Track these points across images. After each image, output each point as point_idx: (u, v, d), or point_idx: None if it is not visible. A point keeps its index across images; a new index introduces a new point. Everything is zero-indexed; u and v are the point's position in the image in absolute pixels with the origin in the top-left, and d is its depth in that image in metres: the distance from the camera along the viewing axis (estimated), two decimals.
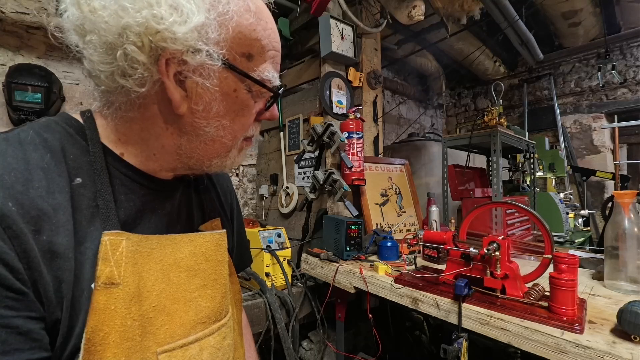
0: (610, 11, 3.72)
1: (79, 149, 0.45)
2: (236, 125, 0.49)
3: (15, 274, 0.36)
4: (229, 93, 0.46)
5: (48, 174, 0.41)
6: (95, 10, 0.39)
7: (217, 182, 0.70)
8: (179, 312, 0.48)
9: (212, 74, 0.43)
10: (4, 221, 0.35)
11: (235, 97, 0.47)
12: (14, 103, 1.72)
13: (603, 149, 4.28)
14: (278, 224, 2.06)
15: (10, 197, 0.37)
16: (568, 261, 0.76)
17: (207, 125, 0.47)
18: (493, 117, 1.85)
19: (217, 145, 0.49)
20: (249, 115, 0.50)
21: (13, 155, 0.40)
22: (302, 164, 1.99)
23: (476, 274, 0.91)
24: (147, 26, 0.38)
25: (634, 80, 4.08)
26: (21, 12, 1.85)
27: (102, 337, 0.40)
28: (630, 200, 0.97)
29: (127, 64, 0.40)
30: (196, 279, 0.52)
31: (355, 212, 1.57)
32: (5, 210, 0.36)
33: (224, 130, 0.48)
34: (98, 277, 0.40)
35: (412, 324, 1.94)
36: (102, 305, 0.40)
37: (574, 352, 0.68)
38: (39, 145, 0.42)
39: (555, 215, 2.38)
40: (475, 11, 2.50)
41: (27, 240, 0.37)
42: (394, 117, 4.58)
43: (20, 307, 0.36)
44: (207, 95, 0.45)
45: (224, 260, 0.57)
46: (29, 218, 0.37)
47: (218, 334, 0.53)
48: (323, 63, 1.87)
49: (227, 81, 0.46)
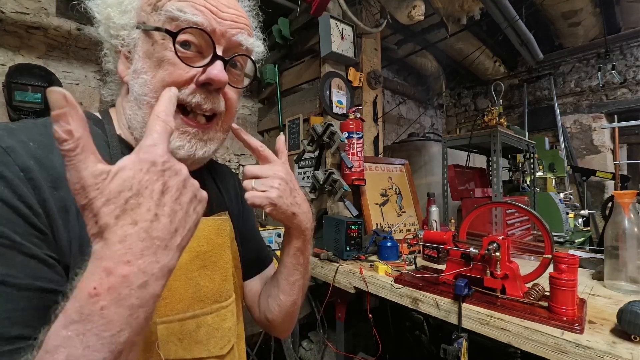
0: (610, 11, 3.72)
1: (95, 137, 0.49)
2: (156, 79, 0.48)
3: (37, 216, 0.39)
4: (148, 49, 0.49)
5: None
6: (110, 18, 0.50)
7: (224, 178, 0.70)
8: (179, 289, 0.51)
9: (136, 41, 0.49)
10: (27, 173, 0.39)
11: (152, 51, 0.48)
12: (14, 103, 1.72)
13: (603, 149, 4.28)
14: (278, 224, 2.06)
15: (32, 157, 0.41)
16: (568, 261, 0.76)
17: (135, 84, 0.49)
18: (493, 117, 1.85)
19: (145, 108, 0.48)
20: (171, 68, 0.48)
21: (39, 132, 0.45)
22: (302, 164, 1.99)
23: (476, 274, 0.91)
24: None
25: (634, 80, 4.08)
26: (21, 12, 1.85)
27: None
28: (630, 200, 0.97)
29: (110, 51, 0.53)
30: (197, 260, 0.54)
31: (355, 212, 1.57)
32: (28, 164, 0.40)
33: (146, 86, 0.48)
34: None
35: (412, 324, 1.93)
36: None
37: (574, 352, 0.68)
38: None
39: (555, 215, 2.38)
40: (475, 11, 2.50)
41: (45, 192, 0.40)
42: (394, 117, 4.58)
43: (43, 245, 0.39)
44: (136, 57, 0.50)
45: (225, 245, 0.59)
46: (46, 175, 0.41)
47: (217, 315, 0.55)
48: (323, 63, 1.87)
49: (146, 38, 0.49)
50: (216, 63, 0.49)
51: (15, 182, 0.38)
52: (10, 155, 0.39)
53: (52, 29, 1.94)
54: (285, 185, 0.55)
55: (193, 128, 0.50)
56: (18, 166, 0.39)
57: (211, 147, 0.53)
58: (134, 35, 0.50)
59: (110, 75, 0.56)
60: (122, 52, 0.51)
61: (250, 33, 0.55)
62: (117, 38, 0.51)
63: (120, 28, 0.50)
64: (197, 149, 0.51)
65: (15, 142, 0.41)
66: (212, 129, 0.54)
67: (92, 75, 2.14)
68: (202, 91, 0.50)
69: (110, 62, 0.55)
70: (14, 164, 0.39)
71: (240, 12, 0.54)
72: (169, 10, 0.47)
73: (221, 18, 0.50)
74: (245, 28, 0.53)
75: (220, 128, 0.55)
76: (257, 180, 0.54)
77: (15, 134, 0.43)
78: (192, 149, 0.50)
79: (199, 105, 0.50)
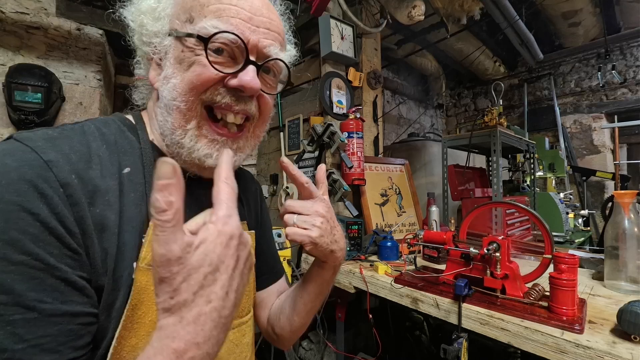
0: (610, 11, 3.72)
1: (129, 144, 0.50)
2: (185, 82, 0.47)
3: (72, 236, 0.39)
4: (178, 55, 0.49)
5: (103, 161, 0.46)
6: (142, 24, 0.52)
7: (245, 186, 0.70)
8: None
9: (168, 49, 0.50)
10: (67, 189, 0.39)
11: (182, 58, 0.48)
12: (14, 103, 1.72)
13: (603, 149, 4.28)
14: (278, 224, 2.06)
15: (74, 171, 0.41)
16: (568, 261, 0.76)
17: (165, 90, 0.49)
18: (493, 117, 1.85)
19: (175, 113, 0.48)
20: (199, 70, 0.47)
21: (79, 141, 0.45)
22: (302, 164, 1.99)
23: (476, 274, 0.91)
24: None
25: (634, 80, 4.08)
26: (21, 12, 1.85)
27: (140, 316, 0.43)
28: (630, 200, 0.97)
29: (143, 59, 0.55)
30: None
31: (355, 212, 1.57)
32: (69, 180, 0.40)
33: (175, 90, 0.48)
34: (143, 258, 0.44)
35: (412, 324, 1.93)
36: (143, 285, 0.43)
37: (574, 352, 0.68)
38: (97, 137, 0.48)
39: (555, 215, 2.38)
40: (475, 11, 2.50)
41: (84, 209, 0.40)
42: (394, 117, 4.58)
43: (76, 265, 0.39)
44: (167, 64, 0.50)
45: (251, 262, 0.58)
46: (86, 191, 0.41)
47: (238, 331, 0.55)
48: (323, 63, 1.87)
49: (177, 46, 0.49)
50: (248, 68, 0.48)
51: (55, 200, 0.38)
52: (52, 170, 0.39)
53: (52, 29, 1.94)
54: (326, 224, 0.55)
55: (222, 137, 0.50)
56: (59, 182, 0.39)
57: (241, 157, 0.53)
58: (165, 43, 0.50)
59: (141, 80, 0.56)
60: (154, 60, 0.51)
61: (282, 42, 0.54)
62: (150, 45, 0.51)
63: (152, 35, 0.50)
64: None
65: (58, 155, 0.41)
66: (243, 137, 0.52)
67: (92, 75, 2.14)
68: (233, 94, 0.49)
69: (142, 69, 0.55)
70: (56, 180, 0.39)
71: (273, 17, 0.53)
72: (204, 27, 0.46)
73: (255, 25, 0.49)
74: (278, 38, 0.52)
75: (252, 134, 0.54)
76: (299, 216, 0.54)
77: (57, 144, 0.42)
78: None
79: (229, 105, 0.49)
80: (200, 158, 0.48)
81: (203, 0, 0.48)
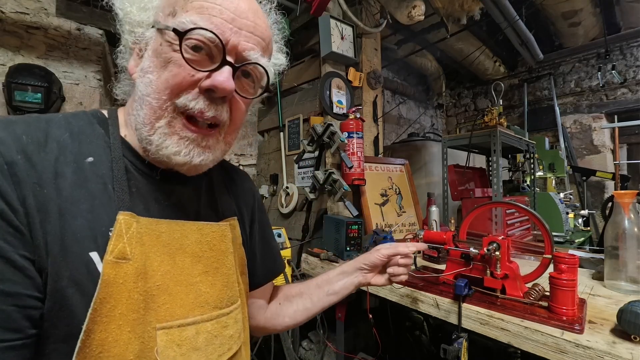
0: (610, 11, 3.72)
1: (95, 136, 0.50)
2: (160, 80, 0.47)
3: (15, 214, 0.39)
4: (156, 48, 0.49)
5: (61, 147, 0.46)
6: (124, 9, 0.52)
7: (238, 183, 0.71)
8: (180, 294, 0.50)
9: (149, 40, 0.50)
10: (12, 168, 0.40)
11: (160, 51, 0.48)
12: (14, 103, 1.72)
13: (603, 149, 4.28)
14: (278, 224, 2.06)
15: (22, 151, 0.42)
16: (568, 261, 0.76)
17: (141, 83, 0.49)
18: (493, 117, 1.85)
19: (146, 108, 0.48)
20: (176, 70, 0.47)
21: (37, 127, 0.45)
22: (302, 164, 1.99)
23: (476, 274, 0.91)
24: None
25: (634, 80, 4.08)
26: (21, 12, 1.85)
27: (109, 309, 0.42)
28: (630, 200, 0.97)
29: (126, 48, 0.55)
30: (199, 265, 0.54)
31: (355, 212, 1.57)
32: (15, 159, 0.40)
33: (150, 87, 0.47)
34: (110, 252, 0.43)
35: (412, 324, 1.93)
36: (112, 278, 0.43)
37: (574, 352, 0.68)
38: (62, 125, 0.48)
39: (555, 215, 2.38)
40: (475, 11, 2.50)
41: (28, 189, 0.40)
42: (394, 117, 4.58)
43: (17, 244, 0.38)
44: (146, 57, 0.50)
45: (228, 251, 0.58)
46: (33, 172, 0.41)
47: (217, 322, 0.54)
48: (323, 63, 1.87)
49: (157, 39, 0.49)
50: (223, 69, 0.47)
51: None
52: None
53: (52, 29, 1.94)
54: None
55: (193, 133, 0.49)
56: (4, 159, 0.40)
57: (209, 156, 0.52)
58: (147, 34, 0.50)
59: (124, 72, 0.56)
60: (135, 50, 0.52)
61: (265, 48, 0.53)
62: (133, 34, 0.51)
63: (136, 24, 0.51)
64: (194, 155, 0.50)
65: (6, 135, 0.42)
66: (214, 137, 0.52)
67: (92, 75, 2.14)
68: (206, 97, 0.48)
69: (125, 59, 0.55)
70: (0, 157, 0.40)
71: (259, 23, 0.52)
72: (183, 22, 0.46)
73: (237, 27, 0.48)
74: (261, 43, 0.52)
75: (223, 139, 0.54)
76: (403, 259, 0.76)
77: (11, 127, 0.43)
78: (188, 155, 0.49)
79: (201, 112, 0.48)
80: (169, 155, 0.48)
81: None
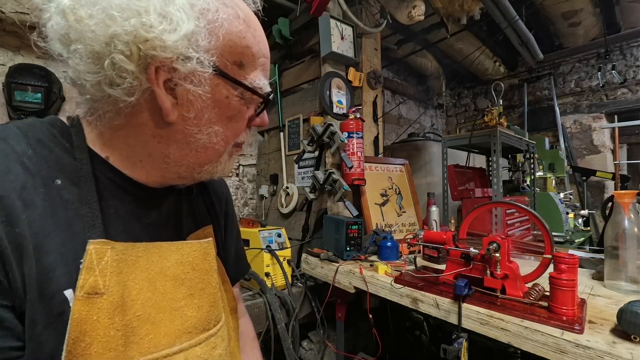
0: (610, 11, 3.72)
1: (62, 151, 0.45)
2: (229, 131, 0.50)
3: None
4: (221, 100, 0.47)
5: (26, 171, 0.40)
6: (81, 19, 0.38)
7: (211, 188, 0.69)
8: (164, 321, 0.47)
9: (203, 81, 0.44)
10: None
11: (227, 104, 0.48)
12: (14, 103, 1.72)
13: (603, 149, 4.28)
14: (278, 224, 2.06)
15: None
16: (568, 261, 0.76)
17: (199, 132, 0.47)
18: (493, 117, 1.85)
19: (209, 152, 0.50)
20: (241, 121, 0.52)
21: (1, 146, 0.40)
22: (302, 164, 1.99)
23: (476, 274, 0.91)
24: (136, 35, 0.39)
25: (634, 80, 4.08)
26: (21, 12, 1.85)
27: (84, 348, 0.39)
28: (630, 200, 0.97)
29: (115, 73, 0.40)
30: (183, 288, 0.50)
31: (355, 212, 1.57)
32: None
33: (216, 137, 0.49)
34: (81, 287, 0.39)
35: (412, 324, 1.93)
36: (84, 316, 0.39)
37: (574, 352, 0.68)
38: (22, 140, 0.42)
39: (555, 215, 2.38)
40: (475, 11, 2.50)
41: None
42: (394, 117, 4.58)
43: None
44: (199, 102, 0.45)
45: (212, 269, 0.55)
46: (1, 208, 0.37)
47: (206, 344, 0.51)
48: (323, 63, 1.87)
49: (219, 88, 0.46)
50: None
51: None
52: None
53: None
54: None
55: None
56: None
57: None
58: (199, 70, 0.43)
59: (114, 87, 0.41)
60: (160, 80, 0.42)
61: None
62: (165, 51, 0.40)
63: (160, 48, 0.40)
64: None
65: None
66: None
67: None
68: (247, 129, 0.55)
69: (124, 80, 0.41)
70: None
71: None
72: (260, 85, 0.50)
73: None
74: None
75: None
76: None
77: None
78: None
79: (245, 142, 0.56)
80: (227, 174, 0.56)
81: (255, 49, 0.49)
